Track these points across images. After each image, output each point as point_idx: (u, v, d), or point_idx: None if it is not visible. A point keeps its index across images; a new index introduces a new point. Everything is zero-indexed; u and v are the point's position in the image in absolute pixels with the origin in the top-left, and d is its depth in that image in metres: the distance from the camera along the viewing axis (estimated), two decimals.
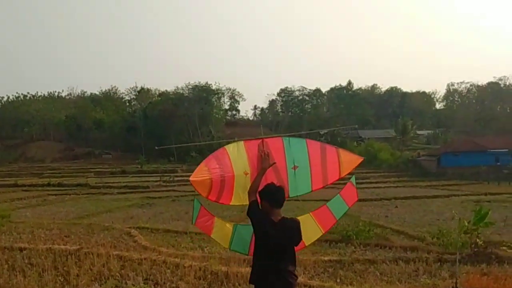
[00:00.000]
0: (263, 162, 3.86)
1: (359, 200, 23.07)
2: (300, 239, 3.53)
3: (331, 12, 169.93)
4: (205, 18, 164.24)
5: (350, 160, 4.25)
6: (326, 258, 8.40)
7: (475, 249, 8.62)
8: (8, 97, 78.85)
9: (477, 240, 8.62)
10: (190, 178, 3.54)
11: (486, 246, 8.70)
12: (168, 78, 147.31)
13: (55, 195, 31.16)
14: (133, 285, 5.79)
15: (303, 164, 4.11)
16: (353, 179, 4.44)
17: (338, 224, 12.68)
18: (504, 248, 8.77)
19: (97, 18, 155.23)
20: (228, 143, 4.00)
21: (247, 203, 3.68)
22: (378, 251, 10.37)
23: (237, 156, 3.92)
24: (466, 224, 8.27)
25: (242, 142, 4.02)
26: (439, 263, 8.22)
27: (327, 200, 4.42)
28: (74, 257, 7.03)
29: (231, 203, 3.97)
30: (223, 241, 4.18)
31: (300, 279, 6.04)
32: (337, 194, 4.39)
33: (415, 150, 58.29)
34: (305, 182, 4.13)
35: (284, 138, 4.12)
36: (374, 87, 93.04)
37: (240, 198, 3.94)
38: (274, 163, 3.93)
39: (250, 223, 3.61)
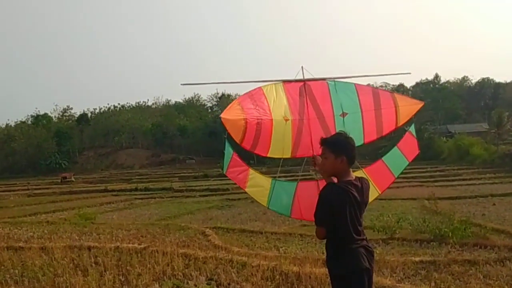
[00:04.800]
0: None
1: (452, 198, 21.27)
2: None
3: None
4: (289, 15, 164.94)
5: (408, 104, 3.48)
6: (417, 259, 7.35)
7: None
8: (100, 109, 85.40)
9: None
10: (222, 115, 2.91)
11: None
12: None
13: (141, 198, 32.73)
14: (195, 285, 5.27)
15: (353, 110, 3.40)
16: (412, 128, 3.61)
17: (430, 223, 11.44)
18: None
19: (189, 29, 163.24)
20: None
21: (288, 156, 3.12)
22: (477, 251, 9.30)
23: (276, 98, 3.21)
24: None
25: (281, 83, 3.32)
26: None
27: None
28: (139, 256, 6.73)
29: (268, 155, 3.30)
30: (259, 197, 3.51)
31: (388, 282, 5.20)
32: (394, 146, 3.59)
33: None
34: (356, 132, 3.25)
35: (329, 82, 3.42)
36: (464, 79, 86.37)
37: (278, 149, 3.27)
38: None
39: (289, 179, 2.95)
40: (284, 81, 3.38)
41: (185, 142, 73.84)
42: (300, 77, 3.42)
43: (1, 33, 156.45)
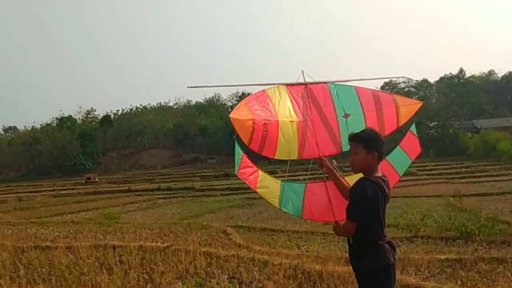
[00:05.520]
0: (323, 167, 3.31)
1: (478, 195, 20.72)
2: None
3: None
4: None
5: (408, 104, 3.59)
6: (442, 257, 7.17)
7: None
8: (123, 110, 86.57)
9: None
10: (231, 115, 2.88)
11: None
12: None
13: (164, 198, 33.04)
14: (217, 283, 5.29)
15: (355, 111, 3.46)
16: (413, 128, 3.69)
17: (455, 220, 11.19)
18: None
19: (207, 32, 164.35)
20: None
21: (295, 158, 3.15)
22: (505, 248, 8.99)
23: (280, 100, 3.23)
24: None
25: (284, 86, 3.35)
26: None
27: None
28: (162, 254, 6.81)
29: (275, 157, 3.28)
30: (270, 198, 3.49)
31: (412, 280, 5.12)
32: (397, 146, 3.64)
33: None
34: None
35: (329, 85, 3.50)
36: (490, 73, 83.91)
37: (285, 151, 3.26)
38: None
39: (298, 180, 2.97)
40: (287, 84, 3.41)
41: (206, 141, 74.27)
42: (301, 80, 3.47)
43: (27, 37, 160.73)
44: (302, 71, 3.43)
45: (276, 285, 5.08)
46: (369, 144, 2.79)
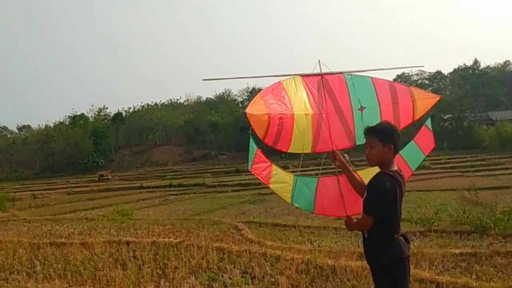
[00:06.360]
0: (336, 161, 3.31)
1: (494, 188, 20.36)
2: None
3: None
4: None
5: (425, 98, 3.50)
6: (457, 251, 7.08)
7: None
8: (134, 107, 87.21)
9: None
10: (247, 111, 2.88)
11: None
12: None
13: (175, 194, 33.24)
14: (230, 278, 5.30)
15: (371, 103, 3.40)
16: (428, 122, 3.61)
17: (470, 214, 11.04)
18: None
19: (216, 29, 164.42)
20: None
21: (308, 151, 3.12)
22: None
23: (296, 92, 3.19)
24: None
25: (300, 77, 3.30)
26: None
27: None
28: (175, 250, 6.85)
29: (289, 150, 3.27)
30: (283, 193, 3.46)
31: (427, 274, 5.10)
32: (411, 140, 3.58)
33: None
34: None
35: (346, 76, 3.43)
36: (506, 63, 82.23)
37: (299, 144, 3.24)
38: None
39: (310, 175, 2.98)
40: (303, 75, 3.36)
41: (217, 138, 74.41)
42: (317, 71, 3.41)
43: (40, 36, 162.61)
44: (319, 61, 3.37)
45: (289, 280, 5.07)
46: (385, 137, 2.78)
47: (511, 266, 6.32)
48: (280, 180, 3.43)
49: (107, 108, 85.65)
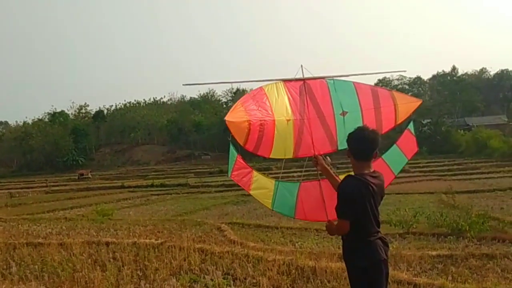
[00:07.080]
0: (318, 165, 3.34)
1: (470, 191, 20.85)
2: None
3: None
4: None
5: (407, 102, 3.56)
6: (434, 253, 7.27)
7: None
8: (116, 105, 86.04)
9: None
10: (226, 118, 2.89)
11: None
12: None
13: (158, 195, 32.96)
14: (212, 279, 5.29)
15: (353, 108, 3.43)
16: (411, 126, 3.66)
17: (447, 217, 11.31)
18: None
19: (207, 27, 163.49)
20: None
21: (290, 156, 3.15)
22: (495, 245, 9.17)
23: (277, 98, 3.22)
24: None
25: (281, 82, 3.33)
26: None
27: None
28: (156, 251, 6.81)
29: (270, 156, 3.29)
30: (264, 199, 3.50)
31: (404, 276, 5.19)
32: (394, 144, 3.62)
33: None
34: None
35: (328, 81, 3.46)
36: (482, 71, 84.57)
37: (281, 150, 3.28)
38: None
39: (292, 177, 2.98)
40: (284, 80, 3.38)
41: (200, 138, 74.00)
42: (299, 76, 3.43)
43: (17, 32, 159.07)
44: (301, 66, 3.39)
45: (270, 281, 5.10)
46: (348, 144, 2.87)
47: (486, 268, 6.54)
48: (261, 186, 3.45)
49: (88, 105, 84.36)
